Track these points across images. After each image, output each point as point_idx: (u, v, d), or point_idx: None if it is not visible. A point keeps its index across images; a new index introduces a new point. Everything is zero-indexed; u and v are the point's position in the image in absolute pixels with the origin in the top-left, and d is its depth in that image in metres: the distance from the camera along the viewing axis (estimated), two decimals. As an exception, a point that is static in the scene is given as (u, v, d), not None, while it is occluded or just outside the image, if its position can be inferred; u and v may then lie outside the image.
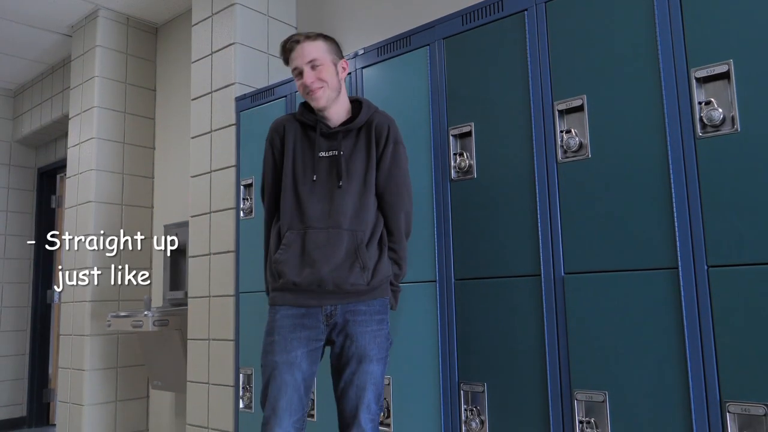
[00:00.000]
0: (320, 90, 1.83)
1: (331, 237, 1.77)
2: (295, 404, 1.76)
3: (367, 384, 1.75)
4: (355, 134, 1.88)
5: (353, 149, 1.86)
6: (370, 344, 1.77)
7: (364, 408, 1.75)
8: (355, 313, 1.78)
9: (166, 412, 3.77)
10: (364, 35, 2.93)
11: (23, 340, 5.09)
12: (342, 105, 1.90)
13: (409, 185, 1.90)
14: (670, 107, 1.59)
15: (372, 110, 1.90)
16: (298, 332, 1.77)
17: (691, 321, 1.50)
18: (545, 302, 1.76)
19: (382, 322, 1.81)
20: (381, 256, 1.81)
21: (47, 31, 4.22)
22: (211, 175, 3.03)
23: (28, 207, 5.26)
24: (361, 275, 1.75)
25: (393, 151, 1.85)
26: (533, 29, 1.87)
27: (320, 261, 1.75)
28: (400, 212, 1.85)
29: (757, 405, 1.40)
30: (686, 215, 1.54)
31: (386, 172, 1.84)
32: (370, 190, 1.83)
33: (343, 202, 1.79)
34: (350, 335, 1.77)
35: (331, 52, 1.89)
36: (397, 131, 1.89)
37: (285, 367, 1.75)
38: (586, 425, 1.65)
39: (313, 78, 1.83)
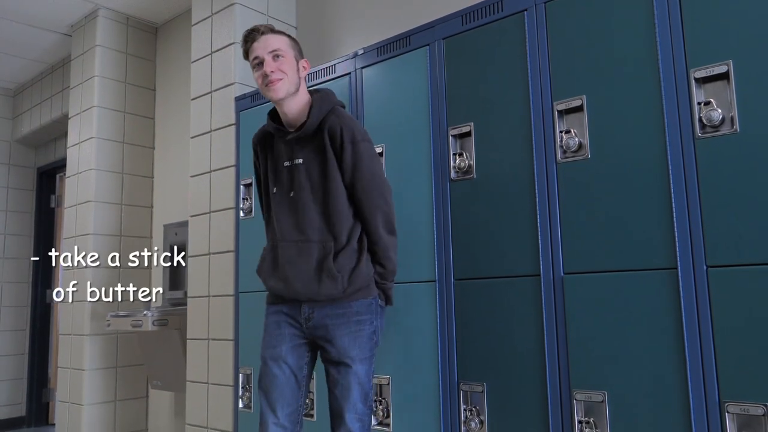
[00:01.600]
0: (279, 81, 1.83)
1: (301, 250, 1.81)
2: (287, 397, 1.82)
3: (351, 384, 1.77)
4: (310, 139, 1.86)
5: (311, 155, 1.85)
6: (350, 345, 1.78)
7: (350, 408, 1.76)
8: (333, 316, 1.79)
9: (165, 411, 3.77)
10: (364, 35, 2.93)
11: (23, 339, 5.09)
12: (299, 104, 1.88)
13: (380, 182, 1.85)
14: (670, 107, 1.59)
15: (324, 111, 1.85)
16: (282, 329, 1.85)
17: (690, 321, 1.51)
18: (545, 302, 1.76)
19: (362, 323, 1.80)
20: (359, 260, 1.80)
21: (47, 31, 4.22)
22: (210, 174, 3.03)
23: (27, 206, 5.26)
24: (333, 285, 1.76)
25: (352, 151, 1.81)
26: (533, 29, 1.87)
27: (291, 276, 1.81)
28: (373, 211, 1.82)
29: (756, 405, 1.40)
30: (685, 215, 1.54)
31: (350, 174, 1.82)
32: (336, 197, 1.81)
33: (308, 213, 1.82)
34: (330, 338, 1.79)
35: (294, 49, 1.91)
36: (352, 130, 1.83)
37: (272, 362, 1.84)
38: (586, 425, 1.65)
39: (274, 67, 1.84)
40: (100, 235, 3.76)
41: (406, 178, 2.15)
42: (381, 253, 1.84)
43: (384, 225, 1.83)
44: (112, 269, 3.78)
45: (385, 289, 1.88)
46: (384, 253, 1.84)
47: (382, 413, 2.12)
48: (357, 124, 1.88)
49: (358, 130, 1.85)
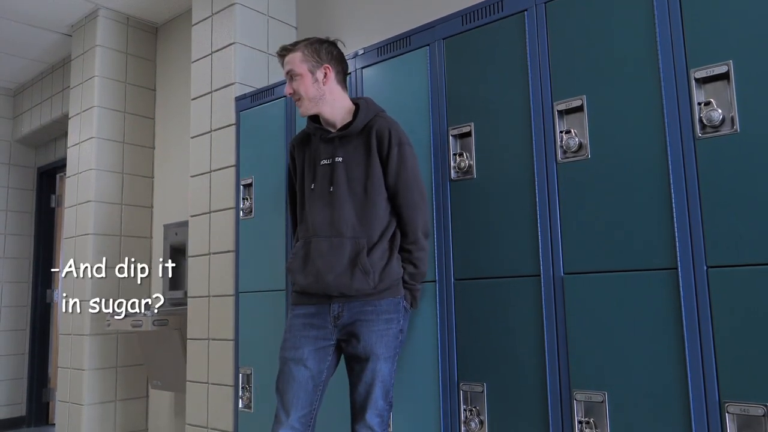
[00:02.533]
0: (298, 101, 1.94)
1: (333, 245, 1.83)
2: (302, 400, 1.83)
3: (374, 381, 1.80)
4: (354, 139, 1.90)
5: (353, 154, 1.89)
6: (377, 343, 1.81)
7: (372, 404, 1.80)
8: (362, 313, 1.82)
9: (165, 411, 3.77)
10: (364, 35, 2.93)
11: (23, 339, 5.09)
12: (337, 108, 1.94)
13: (421, 184, 1.91)
14: (670, 107, 1.59)
15: (372, 114, 1.92)
16: (307, 331, 1.86)
17: (691, 321, 1.51)
18: (545, 302, 1.76)
19: (390, 321, 1.83)
20: (390, 259, 1.84)
21: (47, 31, 4.22)
22: (210, 174, 3.03)
23: (27, 206, 5.26)
24: (365, 280, 1.79)
25: (398, 153, 1.87)
26: (533, 29, 1.87)
27: (323, 270, 1.82)
28: (414, 213, 1.87)
29: (757, 405, 1.40)
30: (686, 216, 1.54)
31: (394, 175, 1.87)
32: (375, 196, 1.86)
33: (344, 209, 1.85)
34: (357, 334, 1.81)
35: (307, 61, 1.92)
36: (399, 133, 1.91)
37: (292, 363, 1.85)
38: (585, 425, 1.65)
39: (290, 90, 1.94)
40: (100, 235, 3.75)
41: (406, 178, 2.15)
42: (416, 254, 1.88)
43: (422, 227, 1.89)
44: (112, 273, 3.78)
45: (413, 290, 1.90)
46: (419, 254, 1.88)
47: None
48: (402, 130, 1.93)
49: (404, 134, 1.92)
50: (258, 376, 2.63)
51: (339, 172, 1.88)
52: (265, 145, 2.74)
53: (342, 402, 2.21)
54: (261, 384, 2.61)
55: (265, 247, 2.67)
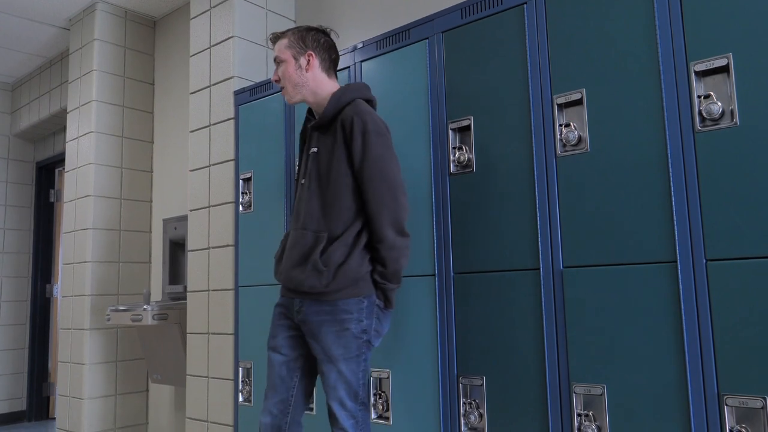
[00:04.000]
0: (283, 91, 1.94)
1: (298, 238, 1.83)
2: (277, 385, 1.86)
3: (336, 383, 1.76)
4: (326, 129, 1.89)
5: (323, 145, 1.87)
6: (334, 344, 1.75)
7: (338, 406, 1.76)
8: (320, 313, 1.77)
9: (165, 405, 3.78)
10: (363, 28, 2.92)
11: (23, 334, 5.10)
12: (321, 96, 1.93)
13: (390, 178, 1.77)
14: (669, 101, 1.59)
15: (342, 102, 1.85)
16: (282, 320, 1.90)
17: (690, 314, 1.51)
18: (544, 296, 1.77)
19: (348, 321, 1.75)
20: (349, 256, 1.76)
21: (45, 25, 4.20)
22: (209, 169, 3.03)
23: (26, 201, 5.25)
24: (318, 278, 1.74)
25: (362, 143, 1.77)
26: (532, 23, 1.87)
27: (285, 262, 1.86)
28: (379, 208, 1.75)
29: (755, 398, 1.40)
30: (685, 209, 1.54)
31: (358, 167, 1.78)
32: (337, 187, 1.79)
33: (311, 202, 1.84)
34: (314, 335, 1.79)
35: (292, 47, 1.91)
36: (365, 121, 1.78)
37: (271, 351, 1.90)
38: (585, 418, 1.65)
39: (276, 77, 1.94)
40: (100, 229, 3.75)
41: (405, 171, 2.14)
42: (384, 253, 1.77)
43: (392, 224, 1.76)
44: (112, 264, 3.79)
45: (385, 290, 1.81)
46: (387, 253, 1.77)
47: (381, 407, 2.13)
48: (374, 118, 1.82)
49: (373, 122, 1.80)
50: (258, 370, 2.64)
51: (312, 163, 1.87)
52: (264, 139, 2.74)
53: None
54: (261, 378, 2.61)
55: (265, 242, 2.67)
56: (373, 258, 1.81)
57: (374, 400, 2.15)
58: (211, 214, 2.99)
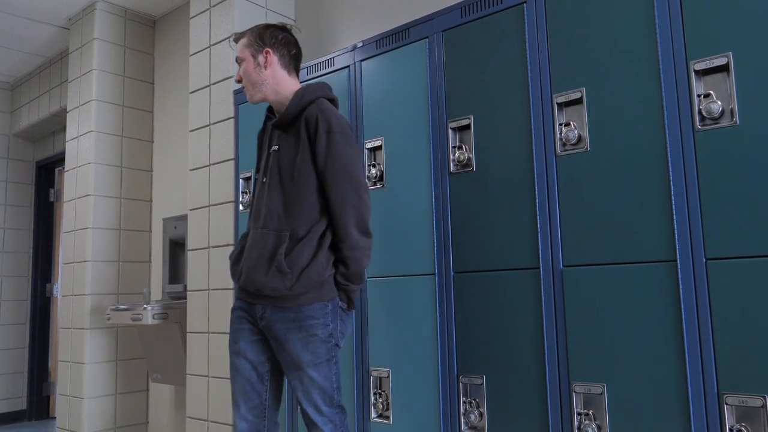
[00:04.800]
0: (246, 91, 1.92)
1: (259, 238, 1.77)
2: (248, 392, 1.81)
3: (309, 389, 1.73)
4: (291, 128, 1.85)
5: (285, 143, 1.83)
6: (302, 351, 1.72)
7: (314, 412, 1.73)
8: (284, 320, 1.73)
9: (165, 405, 3.78)
10: (363, 28, 2.92)
11: (23, 333, 5.10)
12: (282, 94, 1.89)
13: (354, 176, 1.76)
14: (669, 100, 1.59)
15: (306, 100, 1.82)
16: (242, 324, 1.84)
17: (690, 313, 1.51)
18: (544, 295, 1.77)
19: (315, 327, 1.72)
20: (314, 257, 1.72)
21: (45, 24, 4.20)
22: (209, 168, 3.03)
23: (26, 201, 5.25)
24: (281, 280, 1.70)
25: (327, 141, 1.74)
26: (532, 22, 1.87)
27: (246, 263, 1.79)
28: (343, 205, 1.73)
29: (755, 397, 1.40)
30: (685, 208, 1.54)
31: (322, 165, 1.75)
32: (301, 186, 1.76)
33: (273, 200, 1.79)
34: (280, 342, 1.75)
35: (251, 45, 1.89)
36: (329, 120, 1.76)
37: (234, 356, 1.84)
38: (585, 417, 1.65)
39: (237, 76, 1.92)
40: (100, 229, 3.75)
41: (405, 171, 2.15)
42: (346, 252, 1.75)
43: (356, 223, 1.74)
44: (112, 264, 3.79)
45: (348, 292, 1.79)
46: (350, 253, 1.75)
47: (381, 406, 2.13)
48: (338, 117, 1.80)
49: (337, 121, 1.78)
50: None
51: (273, 161, 1.83)
52: (264, 138, 2.74)
53: (342, 395, 2.23)
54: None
55: (265, 241, 2.66)
56: (336, 259, 1.78)
57: (374, 399, 2.15)
58: (211, 213, 2.99)
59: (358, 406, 2.20)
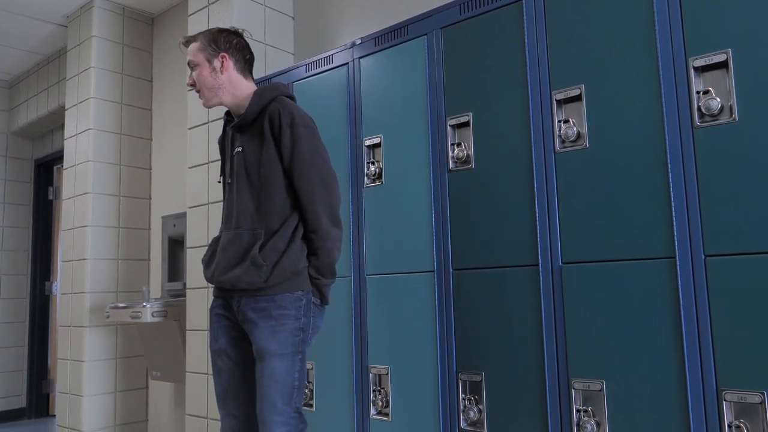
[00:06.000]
0: (199, 93, 1.90)
1: (233, 238, 1.79)
2: (233, 390, 1.80)
3: (269, 382, 1.68)
4: (252, 127, 1.85)
5: (249, 143, 1.84)
6: (268, 339, 1.70)
7: (268, 408, 1.66)
8: (256, 309, 1.74)
9: (165, 402, 3.78)
10: (362, 25, 2.92)
11: (22, 331, 5.10)
12: (240, 97, 1.89)
13: (322, 168, 1.79)
14: (668, 96, 1.59)
15: (266, 99, 1.83)
16: (222, 322, 1.85)
17: (689, 310, 1.51)
18: (543, 292, 1.77)
19: (285, 317, 1.72)
20: (286, 251, 1.74)
21: (42, 22, 4.19)
22: (208, 166, 3.02)
23: (25, 199, 5.25)
24: (256, 273, 1.72)
25: (291, 135, 1.77)
26: (531, 18, 1.87)
27: (218, 263, 1.80)
28: (312, 197, 1.76)
29: (754, 393, 1.41)
30: (684, 205, 1.54)
31: (288, 159, 1.77)
32: (270, 183, 1.78)
33: (243, 200, 1.81)
34: (251, 332, 1.75)
35: (204, 50, 1.87)
36: (292, 114, 1.78)
37: (215, 355, 1.84)
38: (584, 414, 1.66)
39: (190, 80, 1.90)
40: (98, 226, 3.75)
41: (404, 168, 2.15)
42: (318, 243, 1.77)
43: (326, 213, 1.77)
44: (111, 261, 3.79)
45: (319, 286, 1.80)
46: (321, 243, 1.77)
47: (381, 403, 2.13)
48: (299, 111, 1.82)
49: (299, 115, 1.80)
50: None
51: (239, 162, 1.84)
52: (262, 135, 2.73)
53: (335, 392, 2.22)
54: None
55: (264, 238, 2.66)
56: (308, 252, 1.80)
57: (374, 396, 2.15)
58: (210, 210, 2.99)
59: (358, 403, 2.20)
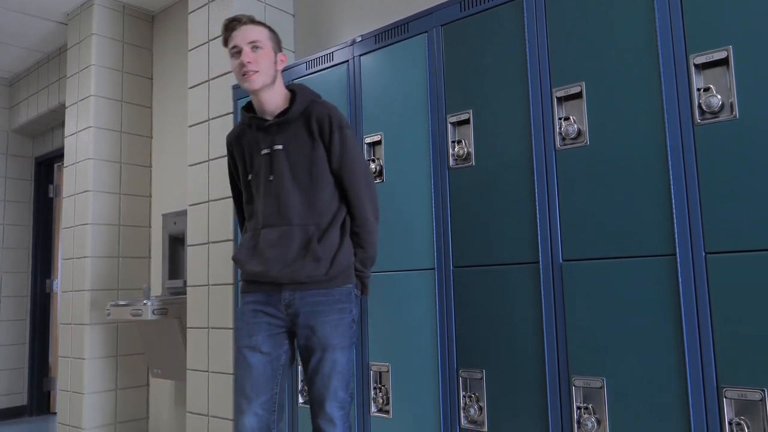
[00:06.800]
0: (255, 74, 1.87)
1: (282, 234, 1.82)
2: (261, 386, 1.82)
3: (332, 372, 1.78)
4: (292, 126, 1.88)
5: (293, 142, 1.87)
6: (332, 334, 1.79)
7: (331, 396, 1.77)
8: (315, 303, 1.80)
9: (166, 400, 3.79)
10: (362, 22, 2.92)
11: (23, 329, 5.11)
12: (277, 95, 1.92)
13: (365, 167, 1.92)
14: (669, 94, 1.58)
15: (308, 99, 1.91)
16: (259, 318, 1.85)
17: (689, 307, 1.51)
18: (543, 289, 1.77)
19: (343, 311, 1.82)
20: (342, 244, 1.84)
21: (43, 19, 4.19)
22: (209, 163, 3.02)
23: (26, 197, 5.25)
24: (317, 267, 1.78)
25: (340, 137, 1.87)
26: (531, 15, 1.86)
27: (272, 259, 1.81)
28: (360, 194, 1.87)
29: (754, 390, 1.41)
30: (684, 202, 1.54)
31: (338, 159, 1.87)
32: (321, 182, 1.85)
33: (290, 197, 1.83)
34: (311, 326, 1.80)
35: (273, 41, 1.93)
36: (339, 117, 1.89)
37: (248, 351, 1.84)
38: (584, 411, 1.66)
39: (252, 59, 1.86)
40: (99, 224, 3.75)
41: (404, 165, 2.15)
42: (365, 236, 1.88)
43: (371, 208, 1.89)
44: (111, 259, 3.79)
45: (363, 278, 1.91)
46: (368, 237, 1.89)
47: (381, 400, 2.13)
48: (341, 113, 1.92)
49: (343, 118, 1.91)
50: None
51: (280, 160, 1.86)
52: (263, 133, 2.73)
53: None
54: (261, 372, 2.61)
55: (264, 236, 2.66)
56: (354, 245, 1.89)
57: (374, 393, 2.16)
58: (210, 208, 2.99)
59: (358, 400, 2.20)
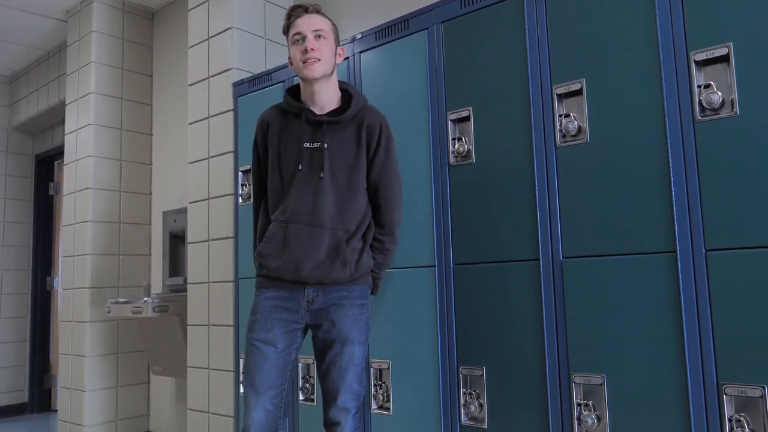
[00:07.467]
0: (317, 62, 1.86)
1: (313, 234, 1.82)
2: (271, 380, 1.83)
3: (348, 365, 1.83)
4: (342, 128, 1.89)
5: (340, 143, 1.87)
6: (352, 328, 1.84)
7: (346, 387, 1.82)
8: (337, 299, 1.85)
9: (166, 397, 3.79)
10: (362, 19, 2.91)
11: (23, 326, 5.11)
12: (331, 89, 1.93)
13: (400, 179, 1.97)
14: (669, 90, 1.58)
15: (361, 104, 1.93)
16: (278, 313, 1.86)
17: (689, 304, 1.51)
18: (544, 286, 1.77)
19: (362, 306, 1.88)
20: (364, 248, 1.88)
21: (42, 17, 4.18)
22: (209, 161, 3.02)
23: (26, 194, 5.25)
24: (343, 270, 1.83)
25: (386, 149, 1.91)
26: (532, 12, 1.86)
27: (302, 258, 1.81)
28: (393, 206, 1.93)
29: (754, 387, 1.41)
30: (685, 199, 1.54)
31: (379, 170, 1.91)
32: (357, 187, 1.87)
33: (326, 198, 1.83)
34: (332, 320, 1.84)
35: (335, 32, 1.97)
36: (389, 128, 1.95)
37: (263, 344, 1.84)
38: (584, 408, 1.66)
39: (315, 46, 1.86)
40: (99, 222, 3.75)
41: (404, 163, 2.15)
42: (389, 246, 1.95)
43: (398, 220, 1.96)
44: (112, 257, 3.79)
45: (376, 279, 1.96)
46: (392, 247, 1.96)
47: (382, 397, 2.13)
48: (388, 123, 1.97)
49: (390, 129, 1.96)
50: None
51: (323, 158, 1.84)
52: (263, 130, 2.73)
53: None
54: (261, 369, 2.62)
55: (265, 233, 2.66)
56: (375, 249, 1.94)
57: (375, 390, 2.16)
58: (210, 206, 2.99)
59: (359, 397, 2.21)
